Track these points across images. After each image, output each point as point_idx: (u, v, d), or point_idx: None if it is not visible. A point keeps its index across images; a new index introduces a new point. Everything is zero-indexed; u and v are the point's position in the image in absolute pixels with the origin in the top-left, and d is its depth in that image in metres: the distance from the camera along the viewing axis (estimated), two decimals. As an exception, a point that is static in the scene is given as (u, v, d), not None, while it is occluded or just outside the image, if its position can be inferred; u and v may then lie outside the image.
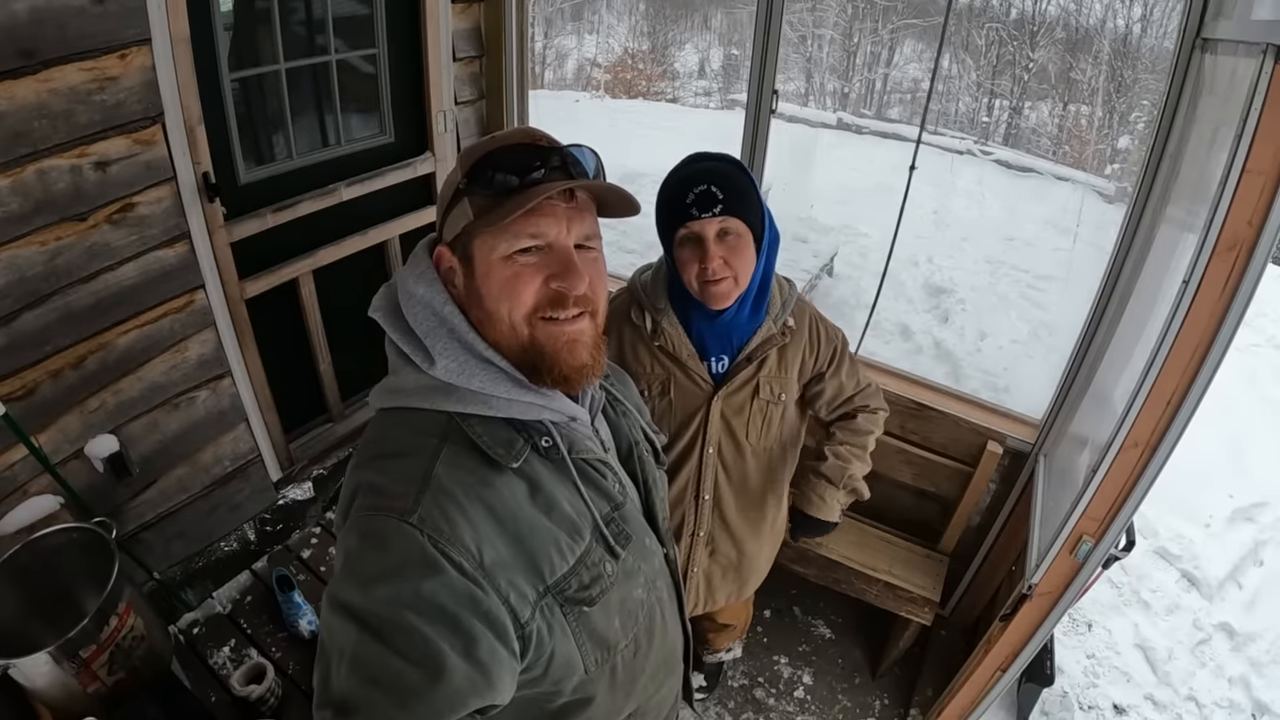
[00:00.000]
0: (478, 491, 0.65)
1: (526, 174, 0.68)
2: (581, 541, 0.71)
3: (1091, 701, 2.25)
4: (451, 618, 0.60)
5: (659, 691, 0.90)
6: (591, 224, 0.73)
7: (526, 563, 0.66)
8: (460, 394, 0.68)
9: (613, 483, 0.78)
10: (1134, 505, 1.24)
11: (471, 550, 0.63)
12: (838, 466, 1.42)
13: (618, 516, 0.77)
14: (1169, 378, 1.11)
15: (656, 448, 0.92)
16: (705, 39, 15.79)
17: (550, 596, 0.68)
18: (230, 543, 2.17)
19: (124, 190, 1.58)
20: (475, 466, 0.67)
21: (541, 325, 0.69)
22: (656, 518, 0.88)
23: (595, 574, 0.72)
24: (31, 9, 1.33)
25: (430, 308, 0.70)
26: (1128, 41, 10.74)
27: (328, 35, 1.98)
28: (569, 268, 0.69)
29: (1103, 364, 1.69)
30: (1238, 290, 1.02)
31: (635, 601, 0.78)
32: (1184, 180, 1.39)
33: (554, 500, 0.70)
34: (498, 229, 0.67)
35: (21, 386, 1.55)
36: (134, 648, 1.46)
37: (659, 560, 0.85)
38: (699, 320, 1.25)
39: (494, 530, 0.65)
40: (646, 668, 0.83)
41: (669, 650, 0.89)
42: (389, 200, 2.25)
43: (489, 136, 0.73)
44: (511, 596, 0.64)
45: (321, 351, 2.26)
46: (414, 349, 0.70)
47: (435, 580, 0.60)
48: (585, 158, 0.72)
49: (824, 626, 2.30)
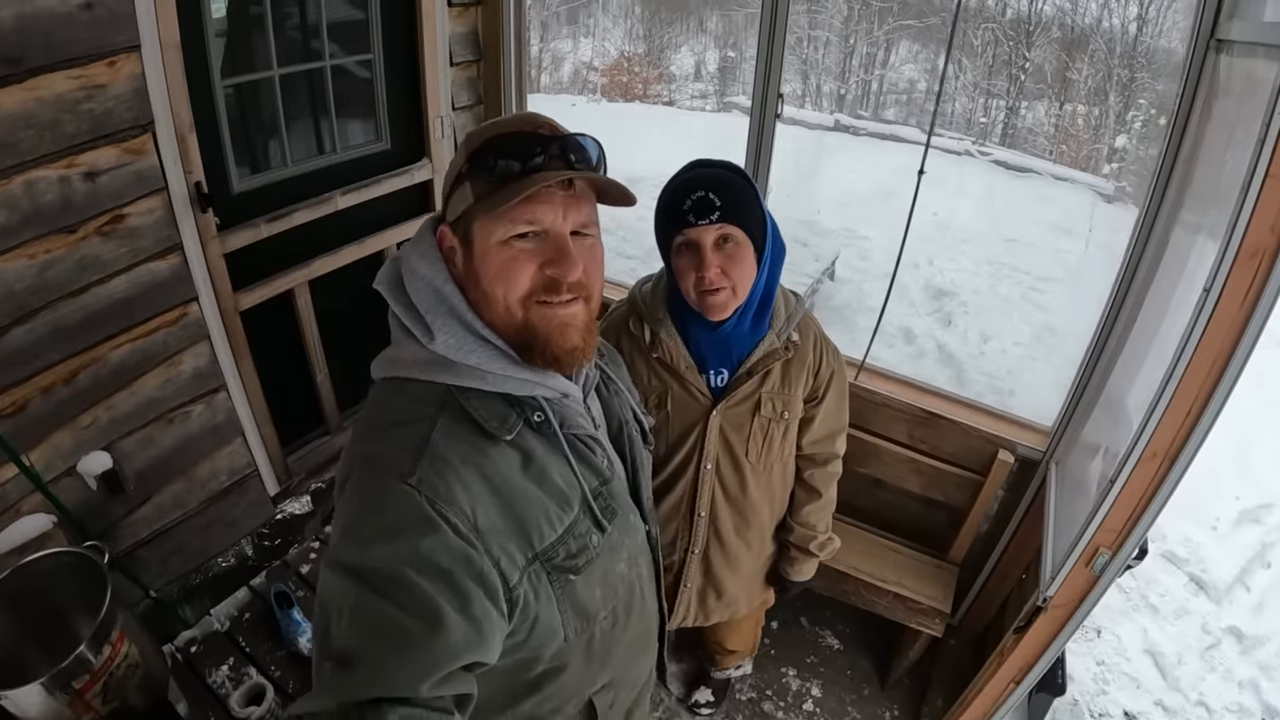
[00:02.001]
0: (473, 459, 0.68)
1: (527, 161, 0.70)
2: (570, 512, 0.74)
3: (1102, 709, 2.22)
4: (448, 575, 0.63)
5: (634, 665, 0.94)
6: (589, 211, 0.75)
7: (517, 529, 0.69)
8: (458, 369, 0.71)
9: (602, 458, 0.81)
10: (1152, 517, 1.21)
11: (466, 513, 0.65)
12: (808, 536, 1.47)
13: (605, 491, 0.80)
14: (1189, 388, 1.09)
15: (645, 428, 0.95)
16: (701, 41, 15.81)
17: (538, 563, 0.71)
18: (228, 558, 2.13)
19: (114, 201, 1.55)
20: (471, 437, 0.70)
21: (535, 308, 0.72)
22: (641, 496, 0.91)
23: (581, 544, 0.75)
24: (17, 15, 1.29)
25: (431, 285, 0.73)
26: (1124, 41, 10.76)
27: (322, 40, 1.94)
28: (564, 254, 0.71)
29: (1115, 370, 1.66)
30: (1260, 298, 0.99)
31: (616, 575, 0.81)
32: (1199, 185, 1.37)
33: (545, 471, 0.73)
34: (496, 214, 0.69)
35: (12, 403, 1.51)
36: (128, 676, 1.43)
37: (641, 538, 0.89)
38: (698, 332, 1.22)
39: (488, 496, 0.68)
40: (623, 640, 0.86)
41: (646, 626, 0.93)
42: (386, 208, 2.21)
43: (492, 121, 0.75)
44: (502, 560, 0.67)
45: (318, 363, 2.22)
46: (415, 323, 0.72)
47: (432, 539, 0.63)
48: (588, 145, 0.74)
49: (832, 637, 2.26)
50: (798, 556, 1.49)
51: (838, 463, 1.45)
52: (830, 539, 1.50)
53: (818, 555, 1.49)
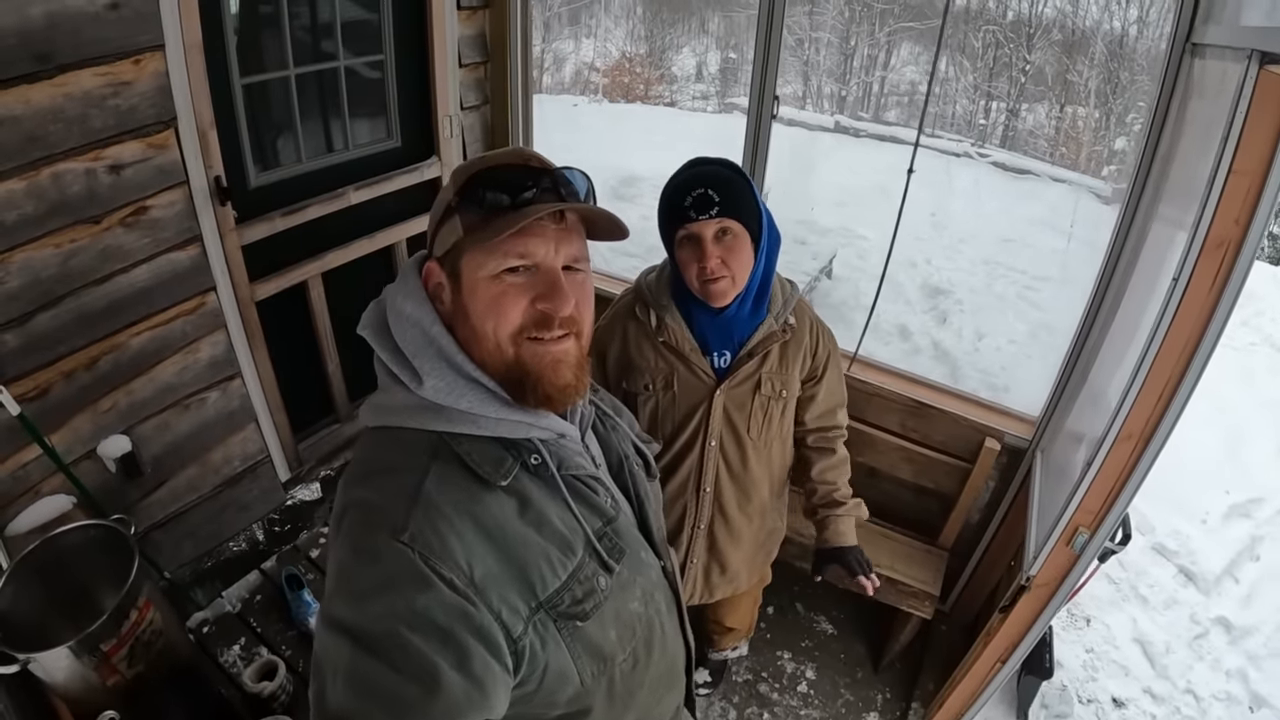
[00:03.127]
0: (467, 508, 0.66)
1: (518, 194, 0.69)
2: (574, 557, 0.71)
3: (1091, 695, 2.28)
4: (444, 632, 0.61)
5: (659, 705, 0.90)
6: (580, 246, 0.73)
7: (517, 578, 0.67)
8: (448, 414, 0.69)
9: (604, 498, 0.78)
10: (1129, 496, 1.26)
11: (462, 566, 0.63)
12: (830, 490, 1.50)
13: (610, 531, 0.77)
14: (1160, 372, 1.14)
15: (648, 460, 0.93)
16: (703, 42, 15.85)
17: (543, 612, 0.68)
18: (239, 543, 2.19)
19: (137, 193, 1.61)
20: (465, 484, 0.68)
21: (527, 345, 0.70)
22: (651, 531, 0.88)
23: (588, 589, 0.72)
24: (47, 14, 1.35)
25: (419, 326, 0.71)
26: (1124, 43, 10.81)
27: (336, 42, 2.01)
28: (555, 289, 0.69)
29: (1098, 361, 1.72)
30: (1226, 286, 1.05)
31: (631, 614, 0.78)
32: (1174, 181, 1.43)
33: (544, 516, 0.71)
34: (487, 247, 0.68)
35: (35, 387, 1.57)
36: (153, 641, 1.48)
37: (656, 573, 0.85)
38: (701, 317, 1.30)
39: (484, 546, 0.66)
40: (645, 681, 0.83)
41: (669, 663, 0.89)
42: (396, 204, 2.27)
43: (480, 156, 0.74)
44: (504, 612, 0.65)
45: (330, 353, 2.29)
46: (402, 368, 0.70)
47: (427, 595, 0.61)
48: (576, 179, 0.73)
49: (826, 622, 2.32)
50: (828, 517, 1.49)
51: (843, 432, 1.51)
52: (858, 502, 1.51)
53: (846, 505, 1.49)
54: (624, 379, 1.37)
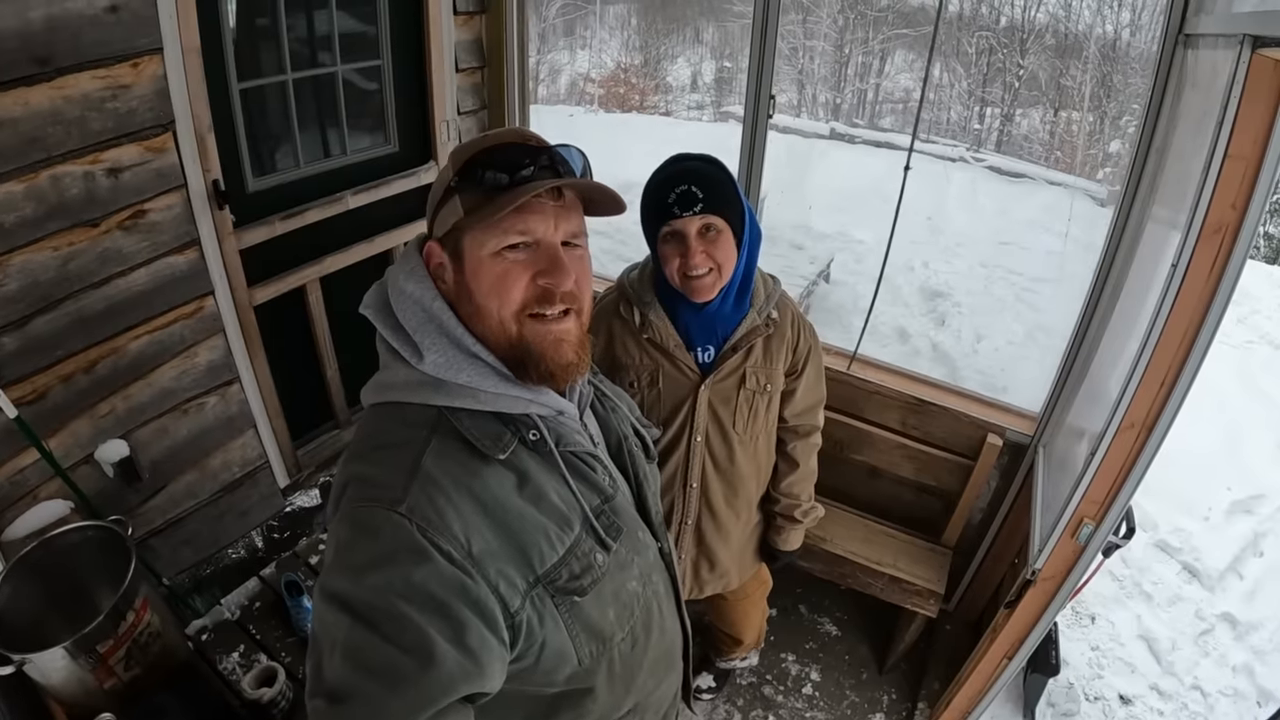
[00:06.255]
0: (465, 482, 0.67)
1: (516, 172, 0.69)
2: (571, 532, 0.72)
3: (1097, 692, 2.26)
4: (441, 605, 0.61)
5: (659, 688, 0.90)
6: (578, 222, 0.75)
7: (515, 552, 0.68)
8: (449, 388, 0.70)
9: (602, 476, 0.79)
10: (1132, 486, 1.26)
11: (460, 539, 0.64)
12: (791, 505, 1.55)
13: (608, 509, 0.78)
14: (1161, 359, 1.14)
15: (647, 442, 0.94)
16: (697, 52, 15.95)
17: (541, 586, 0.69)
18: (238, 550, 2.18)
19: (135, 197, 1.61)
20: (463, 458, 0.68)
21: (529, 323, 0.71)
22: (649, 511, 0.89)
23: (585, 564, 0.73)
24: (47, 17, 1.36)
25: (420, 304, 0.72)
26: (1116, 46, 10.89)
27: (333, 47, 2.01)
28: (556, 264, 0.71)
29: (1097, 356, 1.72)
30: (1225, 271, 1.05)
31: (630, 594, 0.79)
32: (1170, 173, 1.43)
33: (542, 491, 0.71)
34: (487, 225, 0.69)
35: (33, 391, 1.57)
36: (150, 644, 1.47)
37: (653, 554, 0.86)
38: (685, 312, 1.30)
39: (482, 520, 0.66)
40: (644, 663, 0.84)
41: (667, 646, 0.90)
42: (394, 208, 2.28)
43: (480, 135, 0.75)
44: (501, 585, 0.65)
45: (328, 358, 2.28)
46: (403, 344, 0.71)
47: (425, 568, 0.62)
48: (573, 157, 0.74)
49: (830, 624, 2.31)
50: (784, 525, 1.57)
51: (818, 434, 1.54)
52: (814, 507, 1.58)
53: (802, 522, 1.57)
54: (609, 376, 1.37)
